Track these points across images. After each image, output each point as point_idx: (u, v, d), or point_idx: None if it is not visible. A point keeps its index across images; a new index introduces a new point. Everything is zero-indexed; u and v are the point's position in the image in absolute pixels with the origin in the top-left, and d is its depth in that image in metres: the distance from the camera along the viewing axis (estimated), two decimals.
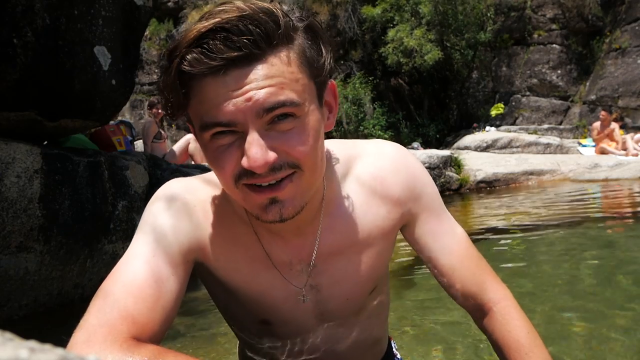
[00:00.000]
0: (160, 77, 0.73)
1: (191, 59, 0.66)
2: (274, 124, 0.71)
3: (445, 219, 0.96)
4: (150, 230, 0.83)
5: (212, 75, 0.68)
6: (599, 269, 2.99)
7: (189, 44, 0.66)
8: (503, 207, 6.07)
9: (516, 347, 0.86)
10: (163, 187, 0.90)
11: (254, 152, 0.69)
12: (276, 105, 0.69)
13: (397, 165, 0.93)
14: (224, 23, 0.65)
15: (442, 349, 2.03)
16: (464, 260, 0.93)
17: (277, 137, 0.71)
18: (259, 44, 0.67)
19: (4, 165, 2.41)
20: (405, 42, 11.59)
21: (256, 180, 0.72)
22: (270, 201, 0.74)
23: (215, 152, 0.73)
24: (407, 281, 3.07)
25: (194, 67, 0.67)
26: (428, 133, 12.69)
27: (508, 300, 0.92)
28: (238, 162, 0.72)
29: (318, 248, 0.89)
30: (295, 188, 0.74)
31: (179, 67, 0.68)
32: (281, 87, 0.69)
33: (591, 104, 12.47)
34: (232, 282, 0.89)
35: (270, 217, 0.75)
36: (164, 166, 3.78)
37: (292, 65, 0.71)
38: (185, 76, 0.68)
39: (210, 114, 0.70)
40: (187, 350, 2.18)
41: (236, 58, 0.67)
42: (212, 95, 0.69)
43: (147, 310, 0.75)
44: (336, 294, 0.93)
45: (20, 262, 2.49)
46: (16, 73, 2.40)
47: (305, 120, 0.73)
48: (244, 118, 0.69)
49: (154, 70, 14.13)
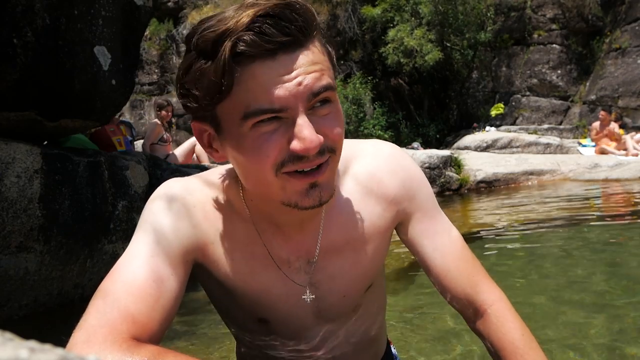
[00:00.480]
0: (188, 71, 0.72)
1: (248, 39, 0.67)
2: (314, 109, 0.73)
3: (439, 219, 0.96)
4: (149, 230, 0.83)
5: (261, 60, 0.68)
6: (599, 269, 2.99)
7: (245, 27, 0.67)
8: (503, 207, 6.07)
9: (511, 350, 0.86)
10: (162, 186, 0.90)
11: (307, 133, 0.70)
12: (322, 89, 0.72)
13: (394, 165, 0.94)
14: (273, 9, 0.67)
15: (442, 350, 2.03)
16: (458, 261, 0.93)
17: (319, 121, 0.74)
18: (304, 31, 0.70)
19: (4, 165, 2.41)
20: (406, 42, 11.59)
21: (303, 165, 0.73)
22: (311, 186, 0.76)
23: (258, 140, 0.72)
24: (407, 282, 3.07)
25: (251, 48, 0.67)
26: (428, 133, 12.69)
27: (502, 302, 0.92)
28: (283, 148, 0.72)
29: (320, 244, 0.90)
30: (330, 172, 0.78)
31: (233, 49, 0.67)
32: (322, 72, 0.72)
33: (591, 104, 12.47)
34: (232, 281, 0.89)
35: (311, 202, 0.77)
36: (164, 166, 3.78)
37: (325, 54, 0.75)
38: (237, 58, 0.68)
39: (260, 100, 0.70)
40: (187, 350, 2.18)
41: (287, 42, 0.69)
42: (262, 80, 0.69)
43: (147, 309, 0.75)
44: (334, 290, 0.93)
45: (20, 262, 2.50)
46: (16, 73, 2.40)
47: (338, 105, 0.77)
48: (295, 103, 0.70)
49: (154, 70, 14.14)
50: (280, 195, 0.77)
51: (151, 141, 6.40)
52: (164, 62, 14.15)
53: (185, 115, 11.62)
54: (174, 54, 14.01)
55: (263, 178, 0.75)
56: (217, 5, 13.26)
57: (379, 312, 1.08)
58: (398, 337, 2.15)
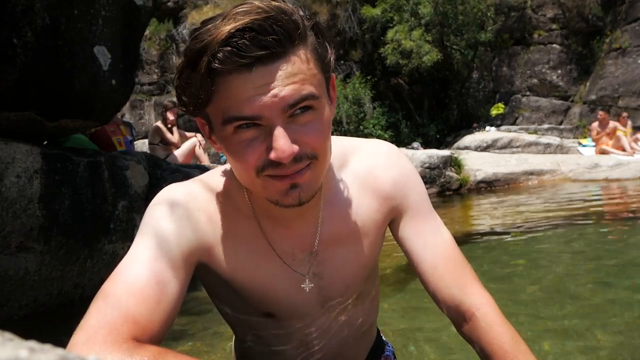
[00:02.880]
0: (179, 77, 0.76)
1: (222, 56, 0.70)
2: (294, 116, 0.75)
3: (431, 220, 0.98)
4: (151, 233, 0.84)
5: (238, 72, 0.71)
6: (599, 269, 2.99)
7: (220, 43, 0.69)
8: (503, 207, 6.07)
9: (501, 354, 0.86)
10: (164, 191, 0.91)
11: (281, 144, 0.73)
12: (300, 99, 0.74)
13: (390, 162, 0.98)
14: (251, 23, 0.69)
15: (442, 350, 2.03)
16: (447, 261, 0.94)
17: (298, 129, 0.76)
18: (282, 43, 0.72)
19: (4, 165, 2.41)
20: (403, 43, 11.59)
21: (280, 171, 0.77)
22: (291, 186, 0.79)
23: (239, 145, 0.76)
24: (407, 281, 3.07)
25: (224, 65, 0.70)
26: (428, 133, 12.69)
27: (490, 305, 0.92)
28: (262, 155, 0.76)
29: (320, 236, 0.93)
30: (312, 174, 0.80)
31: (209, 65, 0.70)
32: (303, 82, 0.74)
33: (591, 104, 12.47)
34: (237, 278, 0.91)
35: (290, 201, 0.80)
36: (164, 166, 3.78)
37: (310, 62, 0.76)
38: (212, 73, 0.71)
39: (235, 108, 0.73)
40: (187, 350, 2.18)
41: (263, 56, 0.71)
42: (238, 91, 0.72)
43: (148, 311, 0.75)
44: (337, 281, 0.96)
45: (20, 262, 2.50)
46: (16, 73, 2.40)
47: (322, 112, 0.78)
48: (270, 113, 0.73)
49: (154, 70, 14.13)
50: (263, 193, 0.81)
51: (150, 142, 6.41)
52: (164, 62, 14.15)
53: (185, 116, 11.62)
54: (174, 54, 14.01)
55: (247, 177, 0.80)
56: (217, 5, 13.26)
57: (375, 299, 1.12)
58: (398, 336, 2.15)
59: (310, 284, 0.94)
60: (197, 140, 6.68)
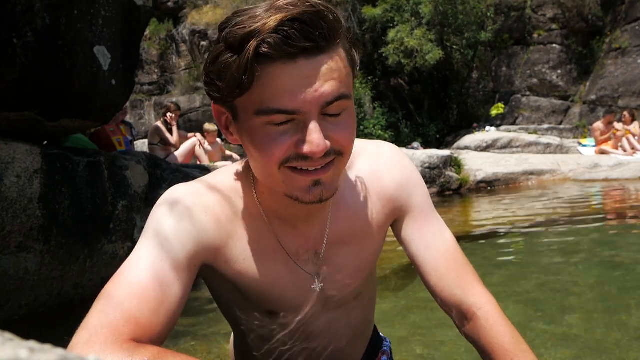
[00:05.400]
0: (214, 62, 0.75)
1: (272, 42, 0.70)
2: (327, 114, 0.76)
3: (434, 220, 1.00)
4: (155, 235, 0.84)
5: (282, 61, 0.71)
6: (599, 269, 2.99)
7: (270, 30, 0.70)
8: (503, 207, 6.07)
9: (502, 353, 0.87)
10: (168, 192, 0.91)
11: (316, 138, 0.74)
12: (336, 97, 0.75)
13: (393, 164, 1.00)
14: (301, 15, 0.70)
15: (442, 349, 2.03)
16: (449, 261, 0.95)
17: (329, 126, 0.77)
18: (327, 39, 0.73)
19: (4, 165, 2.41)
20: (406, 42, 11.58)
21: (307, 164, 0.77)
22: (314, 183, 0.79)
23: (267, 137, 0.76)
24: (408, 282, 3.07)
25: (274, 50, 0.70)
26: (428, 133, 12.69)
27: (491, 305, 0.93)
28: (290, 148, 0.76)
29: (328, 236, 0.94)
30: (335, 171, 0.81)
31: (258, 49, 0.70)
32: (340, 80, 0.75)
33: (591, 104, 12.47)
34: (243, 278, 0.91)
35: (312, 198, 0.80)
36: (164, 166, 3.78)
37: (345, 61, 0.77)
38: (259, 58, 0.71)
39: (275, 100, 0.73)
40: (188, 350, 2.18)
41: (309, 48, 0.71)
42: (282, 81, 0.72)
43: (150, 312, 0.75)
44: (340, 280, 0.97)
45: (20, 262, 2.50)
46: (16, 73, 2.40)
47: (352, 111, 0.80)
48: (308, 107, 0.73)
49: (154, 70, 14.14)
50: (283, 188, 0.81)
51: (150, 142, 6.41)
52: (164, 62, 14.15)
53: (185, 116, 11.62)
54: (174, 54, 14.01)
55: (268, 170, 0.79)
56: (217, 5, 13.27)
57: (373, 298, 1.14)
58: (398, 336, 2.15)
59: (320, 284, 0.95)
60: (197, 140, 6.69)
